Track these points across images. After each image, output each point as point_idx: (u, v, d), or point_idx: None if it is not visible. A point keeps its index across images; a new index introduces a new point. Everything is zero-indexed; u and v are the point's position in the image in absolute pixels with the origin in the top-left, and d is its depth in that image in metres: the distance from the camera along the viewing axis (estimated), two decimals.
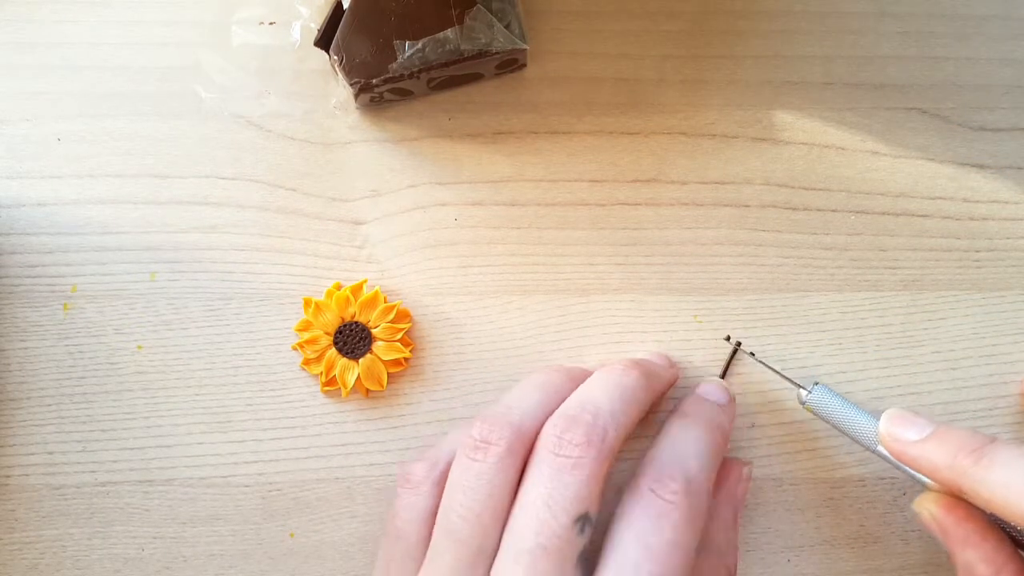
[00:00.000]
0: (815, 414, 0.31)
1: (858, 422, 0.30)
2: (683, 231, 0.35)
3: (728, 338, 0.34)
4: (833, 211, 0.35)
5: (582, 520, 0.26)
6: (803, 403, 0.31)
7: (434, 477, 0.29)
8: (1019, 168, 0.36)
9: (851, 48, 0.37)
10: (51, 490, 0.33)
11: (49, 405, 0.34)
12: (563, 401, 0.29)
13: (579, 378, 0.31)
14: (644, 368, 0.30)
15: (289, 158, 0.36)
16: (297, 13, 0.36)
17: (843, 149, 0.36)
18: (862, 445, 0.30)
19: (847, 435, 0.30)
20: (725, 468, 0.32)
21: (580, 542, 0.26)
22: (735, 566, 0.30)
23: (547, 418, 0.28)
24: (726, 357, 0.34)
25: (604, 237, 0.35)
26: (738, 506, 0.31)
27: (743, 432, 0.34)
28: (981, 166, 0.36)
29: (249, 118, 0.36)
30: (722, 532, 0.30)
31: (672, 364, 0.34)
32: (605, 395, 0.28)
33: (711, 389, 0.32)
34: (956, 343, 0.34)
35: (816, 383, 0.32)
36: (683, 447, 0.29)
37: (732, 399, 0.33)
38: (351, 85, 0.34)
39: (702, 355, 0.34)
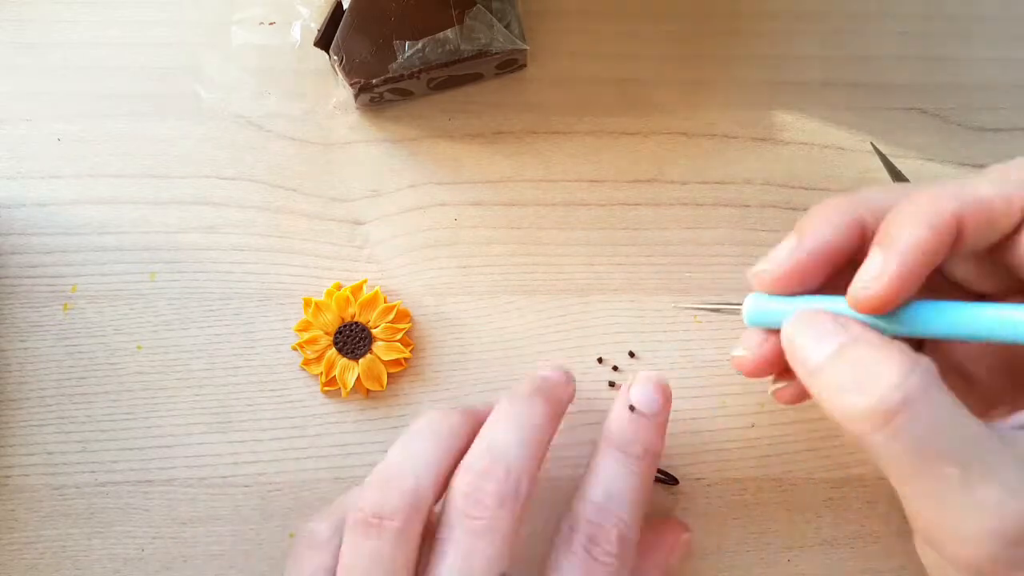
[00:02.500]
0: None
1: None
2: (683, 231, 0.35)
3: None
4: None
5: None
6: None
7: (337, 542, 0.27)
8: None
9: (851, 48, 0.37)
10: (51, 490, 0.33)
11: (49, 405, 0.34)
12: (462, 447, 0.27)
13: (475, 416, 0.29)
14: (546, 394, 0.29)
15: (289, 158, 0.36)
16: (297, 13, 0.36)
17: (843, 149, 0.36)
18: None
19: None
20: (662, 532, 0.31)
21: None
22: None
23: (446, 471, 0.26)
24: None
25: (604, 237, 0.35)
26: (671, 571, 0.30)
27: (743, 432, 0.34)
28: (981, 166, 0.36)
29: (249, 118, 0.36)
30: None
31: (570, 380, 0.31)
32: (513, 437, 0.27)
33: (645, 396, 0.29)
34: None
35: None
36: (618, 492, 0.27)
37: (667, 399, 0.29)
38: (351, 85, 0.34)
39: (702, 355, 0.34)
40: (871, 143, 0.35)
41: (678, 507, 0.33)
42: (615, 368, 0.34)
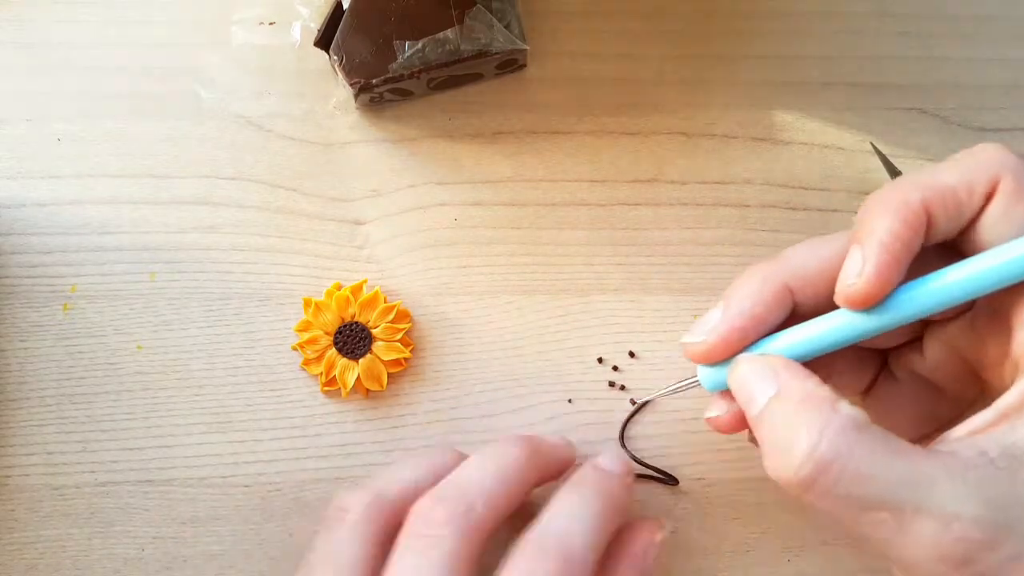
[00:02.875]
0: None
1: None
2: (683, 231, 0.35)
3: (633, 402, 0.34)
4: (833, 211, 0.35)
5: None
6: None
7: (370, 513, 0.28)
8: None
9: (851, 48, 0.37)
10: (51, 490, 0.33)
11: (49, 405, 0.34)
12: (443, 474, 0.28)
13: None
14: (530, 446, 0.29)
15: (289, 158, 0.36)
16: (297, 13, 0.36)
17: (843, 149, 0.36)
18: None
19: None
20: (633, 531, 0.30)
21: None
22: None
23: (417, 494, 0.27)
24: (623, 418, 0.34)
25: (604, 237, 0.35)
26: (645, 571, 0.29)
27: (743, 433, 0.34)
28: None
29: (249, 118, 0.36)
30: None
31: (569, 445, 0.31)
32: (478, 472, 0.27)
33: (604, 459, 0.30)
34: None
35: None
36: (567, 519, 0.27)
37: (628, 470, 0.30)
38: (351, 85, 0.34)
39: None
40: (871, 143, 0.35)
41: (678, 507, 0.33)
42: (615, 368, 0.34)
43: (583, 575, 0.25)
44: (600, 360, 0.34)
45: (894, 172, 0.35)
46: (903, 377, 0.29)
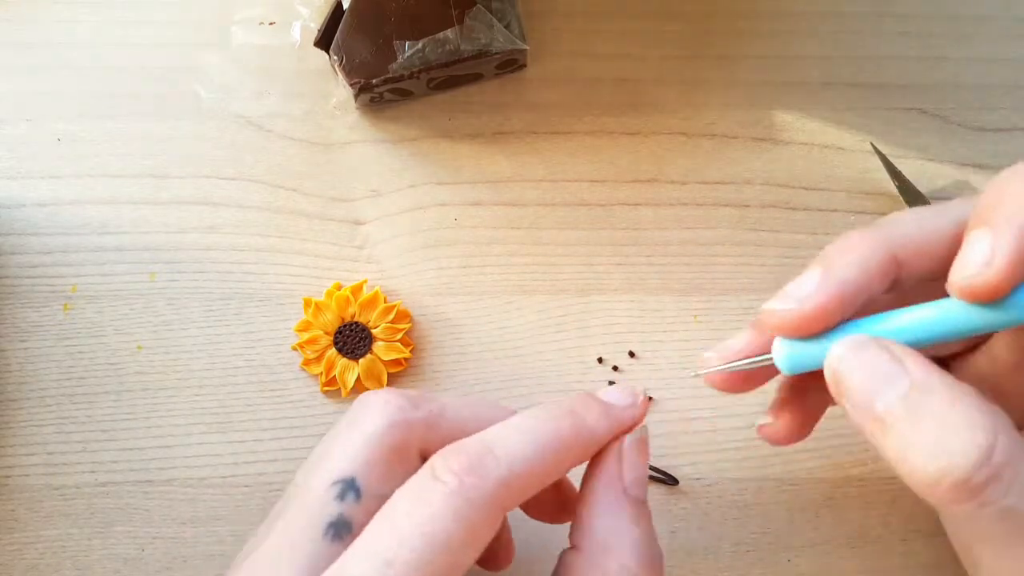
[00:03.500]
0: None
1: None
2: (683, 231, 0.35)
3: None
4: (833, 211, 0.35)
5: (341, 483, 0.22)
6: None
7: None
8: None
9: (851, 48, 0.37)
10: (51, 490, 0.33)
11: (49, 405, 0.34)
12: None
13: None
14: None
15: (289, 158, 0.36)
16: (297, 13, 0.36)
17: (843, 149, 0.36)
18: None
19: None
20: (605, 447, 0.25)
21: (336, 507, 0.22)
22: (641, 566, 0.23)
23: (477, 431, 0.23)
24: None
25: (604, 237, 0.35)
26: (630, 488, 0.24)
27: (743, 432, 0.34)
28: (981, 166, 0.36)
29: (249, 118, 0.36)
30: (603, 519, 0.23)
31: (634, 403, 0.25)
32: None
33: (605, 391, 0.26)
34: None
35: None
36: (507, 429, 0.23)
37: (635, 403, 0.25)
38: (351, 85, 0.34)
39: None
40: (871, 143, 0.35)
41: (678, 507, 0.33)
42: (615, 368, 0.34)
43: (497, 484, 0.21)
44: (600, 360, 0.34)
45: (894, 172, 0.35)
46: (968, 378, 0.24)
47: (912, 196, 0.34)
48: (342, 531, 0.22)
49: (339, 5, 0.34)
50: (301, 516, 0.22)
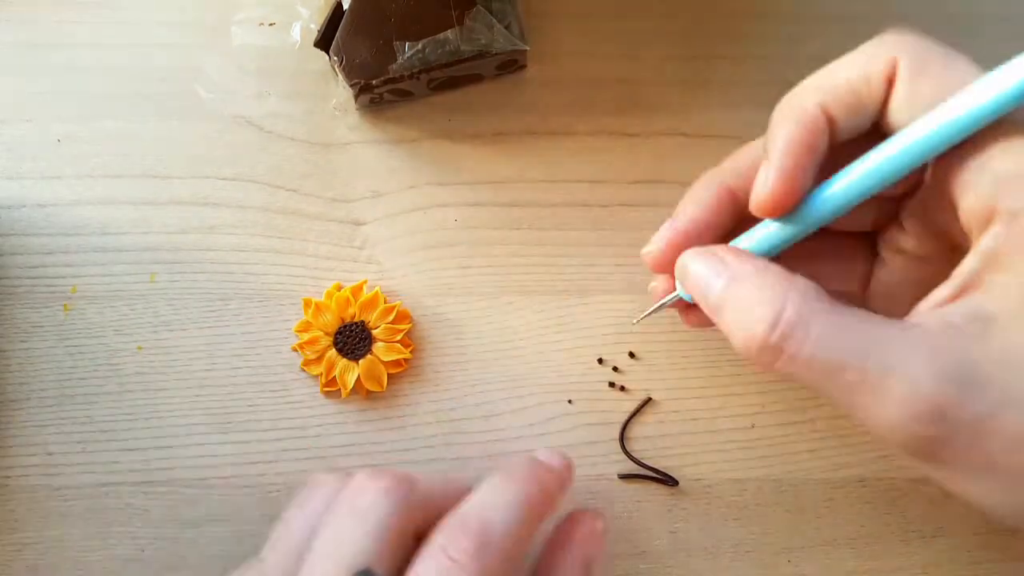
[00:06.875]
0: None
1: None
2: None
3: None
4: None
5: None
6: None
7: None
8: None
9: (851, 48, 0.37)
10: (51, 490, 0.33)
11: (49, 406, 0.34)
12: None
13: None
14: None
15: (289, 159, 0.36)
16: (297, 14, 0.36)
17: None
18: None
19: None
20: (572, 520, 0.29)
21: None
22: None
23: (440, 509, 0.26)
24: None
25: (604, 238, 0.35)
26: (590, 561, 0.28)
27: (743, 432, 0.34)
28: None
29: (249, 118, 0.36)
30: None
31: (568, 465, 0.30)
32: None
33: (542, 452, 0.30)
34: None
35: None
36: (491, 500, 0.26)
37: (568, 465, 0.29)
38: (351, 86, 0.34)
39: (702, 356, 0.34)
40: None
41: (678, 507, 0.33)
42: (615, 368, 0.34)
43: (501, 557, 0.24)
44: (600, 360, 0.34)
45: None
46: (894, 261, 0.29)
47: None
48: None
49: (339, 5, 0.34)
50: None
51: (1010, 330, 0.21)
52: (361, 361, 0.34)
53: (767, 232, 0.27)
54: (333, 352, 0.34)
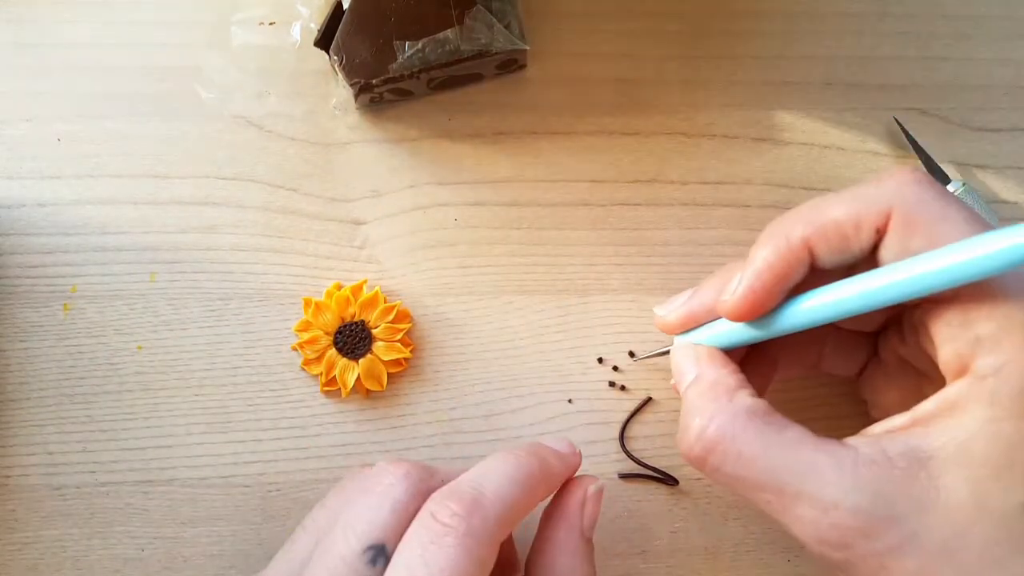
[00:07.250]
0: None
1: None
2: (683, 231, 0.35)
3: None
4: None
5: (373, 550, 0.24)
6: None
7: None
8: (1019, 168, 0.36)
9: (851, 48, 0.37)
10: (51, 490, 0.33)
11: (49, 405, 0.34)
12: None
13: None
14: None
15: (289, 158, 0.36)
16: (297, 13, 0.36)
17: (843, 149, 0.36)
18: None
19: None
20: (565, 487, 0.29)
21: (368, 572, 0.24)
22: None
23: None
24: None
25: (604, 237, 0.35)
26: (584, 529, 0.28)
27: None
28: (981, 166, 0.36)
29: (249, 118, 0.36)
30: (561, 557, 0.27)
31: (574, 451, 0.30)
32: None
33: (550, 438, 0.30)
34: None
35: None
36: (484, 470, 0.26)
37: (574, 451, 0.29)
38: (351, 85, 0.34)
39: None
40: (894, 117, 0.35)
41: (678, 507, 0.33)
42: (615, 368, 0.34)
43: (491, 520, 0.24)
44: (600, 360, 0.34)
45: (918, 148, 0.35)
46: (890, 361, 0.30)
47: (937, 174, 0.35)
48: None
49: (339, 5, 0.34)
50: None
51: (940, 475, 0.22)
52: (361, 361, 0.34)
53: (730, 328, 0.28)
54: (333, 352, 0.34)
